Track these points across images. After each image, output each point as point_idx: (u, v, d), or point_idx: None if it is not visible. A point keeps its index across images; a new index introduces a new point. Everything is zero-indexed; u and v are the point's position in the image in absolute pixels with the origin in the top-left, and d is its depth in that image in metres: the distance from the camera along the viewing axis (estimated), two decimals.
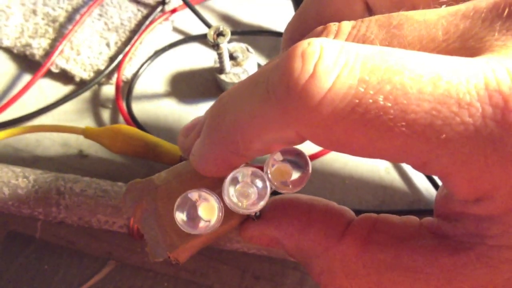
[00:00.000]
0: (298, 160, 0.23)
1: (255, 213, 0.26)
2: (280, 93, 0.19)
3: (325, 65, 0.18)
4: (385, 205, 0.38)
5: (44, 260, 0.36)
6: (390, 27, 0.20)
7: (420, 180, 0.39)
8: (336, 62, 0.18)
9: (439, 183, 0.38)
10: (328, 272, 0.24)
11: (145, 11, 0.48)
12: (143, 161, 0.40)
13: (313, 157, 0.40)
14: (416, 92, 0.17)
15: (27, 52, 0.45)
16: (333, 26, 0.22)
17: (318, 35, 0.22)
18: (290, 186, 0.24)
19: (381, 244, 0.23)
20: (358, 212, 0.26)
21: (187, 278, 0.35)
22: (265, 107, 0.20)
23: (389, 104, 0.18)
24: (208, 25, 0.45)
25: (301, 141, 0.21)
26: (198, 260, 0.36)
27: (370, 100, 0.18)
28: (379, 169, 0.39)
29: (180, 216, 0.23)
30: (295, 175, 0.23)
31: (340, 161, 0.40)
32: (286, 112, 0.19)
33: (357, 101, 0.18)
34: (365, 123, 0.18)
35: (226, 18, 0.48)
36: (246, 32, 0.47)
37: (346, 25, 0.21)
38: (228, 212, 0.25)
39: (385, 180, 0.39)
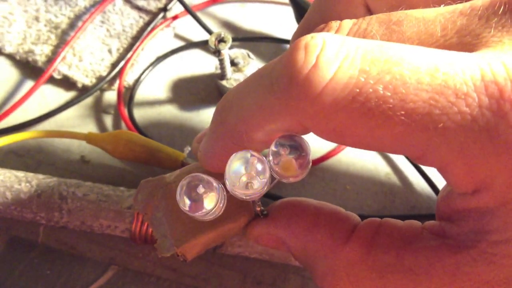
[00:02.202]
0: (298, 145, 0.23)
1: (262, 211, 0.26)
2: (284, 83, 0.20)
3: (327, 56, 0.19)
4: (386, 210, 0.38)
5: (47, 265, 0.36)
6: (390, 24, 0.21)
7: (420, 185, 0.39)
8: (338, 54, 0.19)
9: (440, 187, 0.38)
10: (332, 275, 0.24)
11: (146, 18, 0.48)
12: (145, 166, 0.40)
13: (315, 162, 0.40)
14: (415, 82, 0.18)
15: (30, 59, 0.46)
16: (334, 23, 0.22)
17: (319, 31, 0.22)
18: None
19: (384, 247, 0.23)
20: (359, 217, 0.26)
21: (189, 283, 0.35)
22: (269, 97, 0.20)
23: (389, 94, 0.18)
24: (209, 32, 0.45)
25: (304, 131, 0.22)
26: (199, 265, 0.36)
27: (370, 90, 0.18)
28: (379, 174, 0.40)
29: (183, 197, 0.23)
30: (297, 162, 0.24)
31: (341, 166, 0.40)
32: (289, 101, 0.20)
33: (357, 90, 0.18)
34: (365, 112, 0.18)
35: (227, 25, 0.48)
36: (247, 38, 0.47)
37: (347, 22, 0.22)
38: (236, 211, 0.25)
39: (385, 185, 0.39)
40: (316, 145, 0.22)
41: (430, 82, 0.18)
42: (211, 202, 0.23)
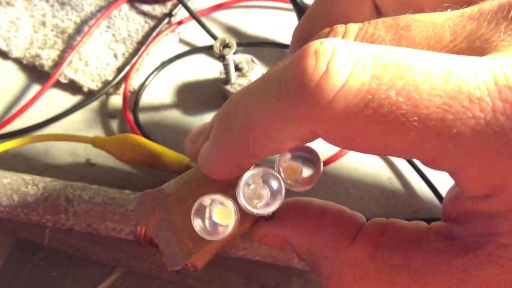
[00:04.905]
0: (308, 157, 0.23)
1: (268, 214, 0.27)
2: (294, 90, 0.19)
3: (337, 63, 0.19)
4: (388, 214, 0.38)
5: (52, 267, 0.37)
6: (398, 28, 0.21)
7: (422, 190, 0.39)
8: (348, 60, 0.19)
9: (441, 192, 0.38)
10: (338, 275, 0.24)
11: (152, 23, 0.49)
12: (150, 170, 0.40)
13: None
14: (428, 88, 0.18)
15: (36, 63, 0.46)
16: (340, 27, 0.22)
17: (325, 36, 0.22)
18: (302, 184, 0.24)
19: (391, 247, 0.23)
20: None
21: (193, 285, 0.36)
22: (278, 104, 0.20)
23: (402, 99, 0.18)
24: (214, 37, 0.46)
25: (314, 138, 0.21)
26: (203, 267, 0.36)
27: (383, 96, 0.18)
28: (382, 179, 0.40)
29: (199, 223, 0.23)
30: (307, 172, 0.23)
31: (344, 170, 0.41)
32: (299, 109, 0.19)
33: (370, 96, 0.18)
34: (378, 118, 0.18)
35: (231, 30, 0.49)
36: (251, 44, 0.47)
37: (353, 27, 0.22)
38: (241, 215, 0.25)
39: (388, 189, 0.40)
40: (319, 149, 0.22)
41: (443, 87, 0.18)
42: (231, 222, 0.23)
